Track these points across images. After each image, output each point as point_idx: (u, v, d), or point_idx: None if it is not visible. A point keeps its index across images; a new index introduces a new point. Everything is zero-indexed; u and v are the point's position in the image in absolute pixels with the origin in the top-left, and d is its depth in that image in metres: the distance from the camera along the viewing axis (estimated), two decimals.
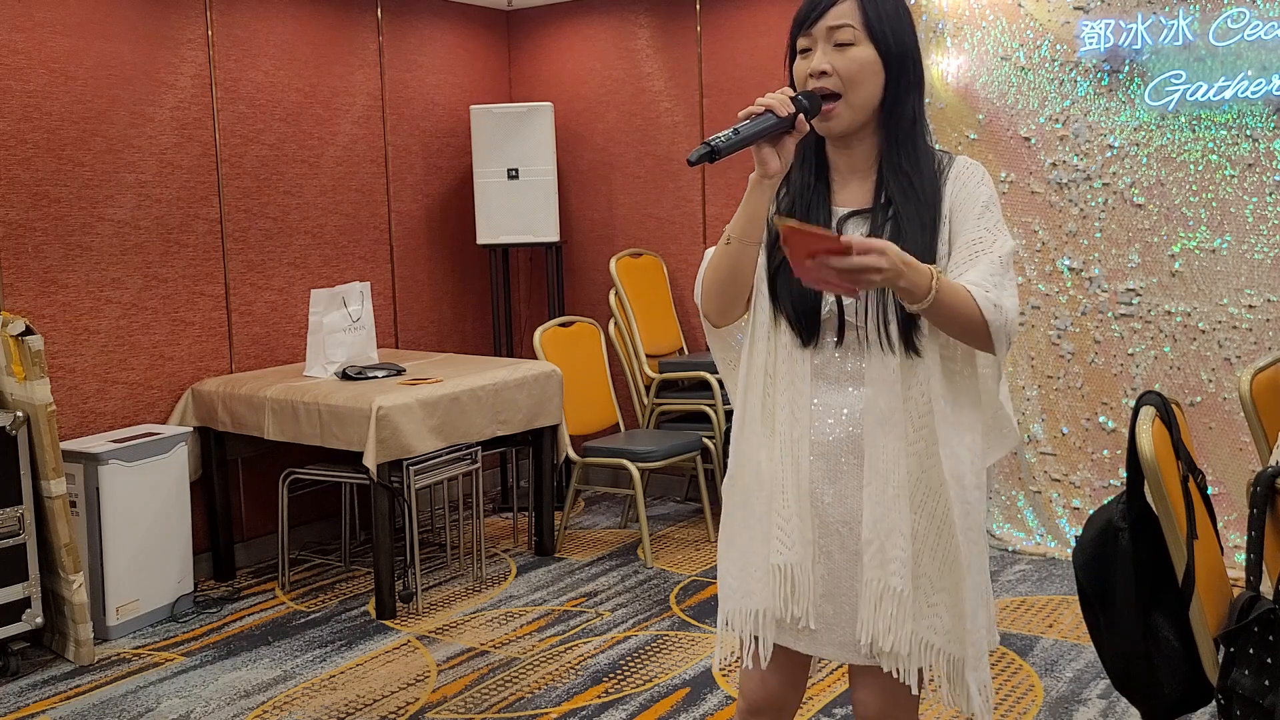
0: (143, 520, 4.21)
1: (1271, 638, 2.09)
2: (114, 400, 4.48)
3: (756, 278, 1.98)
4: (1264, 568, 2.17)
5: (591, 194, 6.01)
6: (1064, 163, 4.67)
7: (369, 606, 4.40)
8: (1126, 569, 2.27)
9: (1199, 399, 4.50)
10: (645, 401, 5.45)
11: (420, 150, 5.72)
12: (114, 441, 4.19)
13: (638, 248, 5.80)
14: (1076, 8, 4.59)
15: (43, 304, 4.26)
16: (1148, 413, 2.25)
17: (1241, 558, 3.93)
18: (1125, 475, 2.31)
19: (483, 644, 4.02)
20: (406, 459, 4.25)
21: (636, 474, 4.85)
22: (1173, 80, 4.44)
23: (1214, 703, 2.23)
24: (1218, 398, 4.47)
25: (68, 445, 4.11)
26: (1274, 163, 4.31)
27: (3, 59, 4.13)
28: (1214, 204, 4.42)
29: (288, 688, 3.70)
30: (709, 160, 1.81)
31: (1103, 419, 4.70)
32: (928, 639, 1.92)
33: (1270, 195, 4.33)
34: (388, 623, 4.23)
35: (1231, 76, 4.33)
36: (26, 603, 3.82)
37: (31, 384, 3.76)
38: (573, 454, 5.03)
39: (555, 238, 5.68)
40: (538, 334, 5.13)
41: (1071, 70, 4.62)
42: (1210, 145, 4.41)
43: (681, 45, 5.68)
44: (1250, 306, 4.38)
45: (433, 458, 4.39)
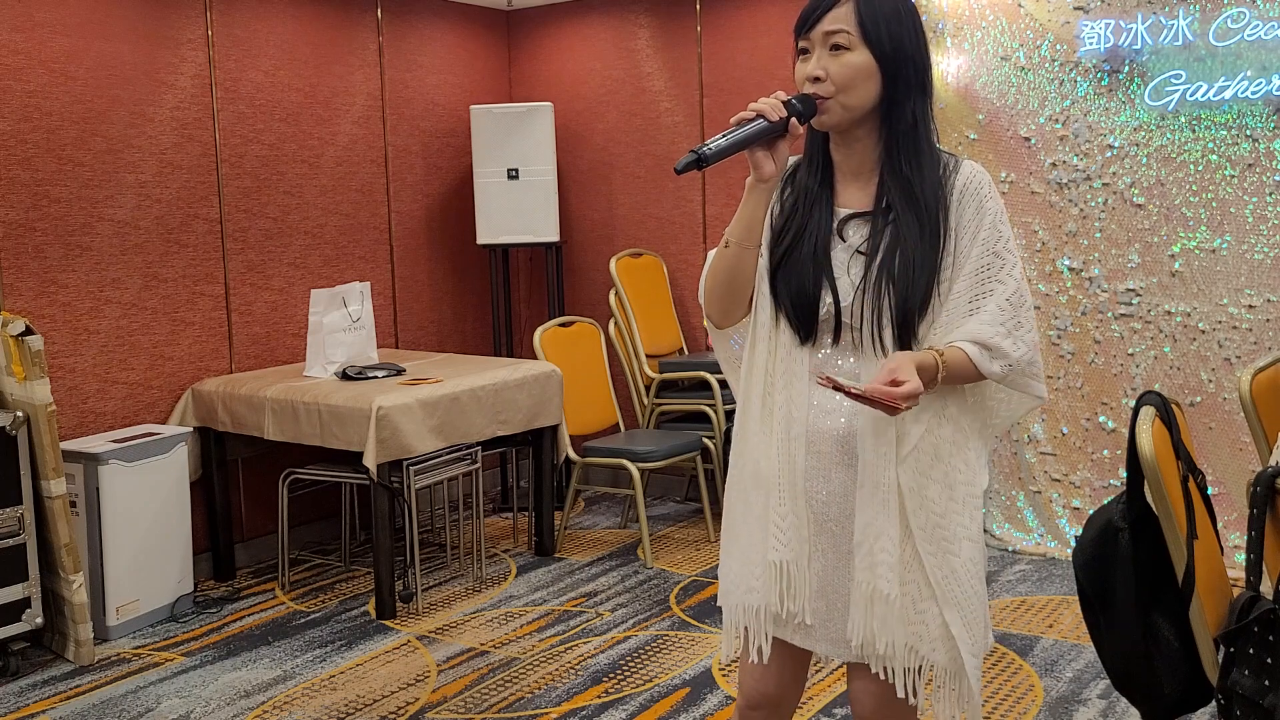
0: (143, 520, 4.21)
1: (1271, 638, 2.09)
2: (114, 400, 4.48)
3: (758, 278, 1.99)
4: (1264, 568, 2.17)
5: (591, 194, 6.01)
6: (1064, 163, 4.67)
7: (369, 606, 4.40)
8: (1126, 569, 2.27)
9: (1199, 399, 4.50)
10: (645, 401, 5.45)
11: (420, 150, 5.72)
12: (114, 441, 4.19)
13: (638, 248, 5.80)
14: (1076, 8, 4.59)
15: (43, 304, 4.26)
16: (1148, 413, 2.25)
17: (1241, 558, 3.93)
18: (1125, 475, 2.31)
19: (483, 644, 4.02)
20: (406, 459, 4.25)
21: (636, 474, 4.85)
22: (1173, 80, 4.44)
23: (1214, 703, 2.23)
24: (1218, 398, 4.47)
25: (68, 445, 4.11)
26: (1274, 163, 4.31)
27: (3, 59, 4.13)
28: (1214, 204, 4.42)
29: (288, 688, 3.70)
30: (697, 168, 1.82)
31: (1103, 419, 4.70)
32: (914, 645, 1.93)
33: (1270, 195, 4.33)
34: (388, 623, 4.23)
35: (1231, 76, 4.33)
36: (26, 603, 3.82)
37: (31, 384, 3.76)
38: (573, 454, 5.03)
39: (555, 238, 5.68)
40: (538, 334, 5.13)
41: (1071, 70, 4.62)
42: (1210, 145, 4.41)
43: (681, 45, 5.68)
44: (1250, 306, 4.38)
45: (433, 458, 4.39)
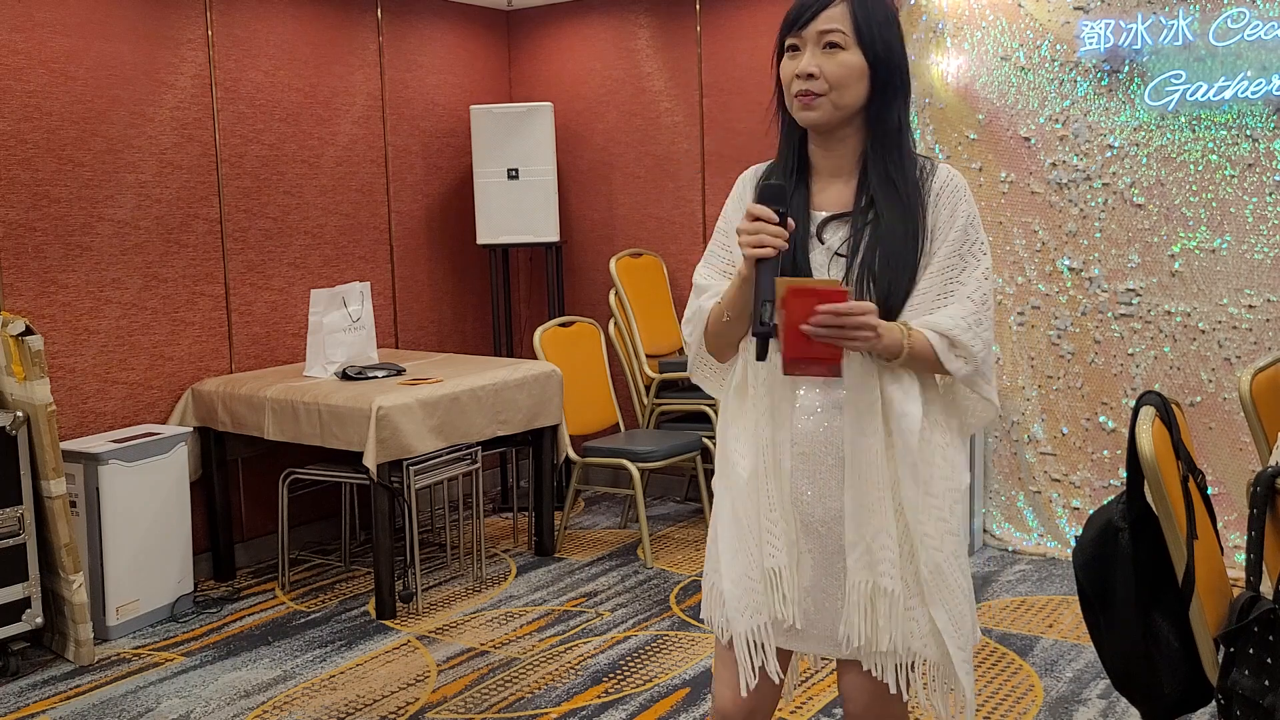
0: (143, 520, 4.21)
1: (1271, 638, 2.09)
2: (114, 400, 4.48)
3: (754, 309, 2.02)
4: (1264, 568, 2.17)
5: (591, 194, 6.01)
6: (1064, 163, 4.67)
7: (369, 606, 4.40)
8: (1126, 569, 2.27)
9: (1199, 399, 4.50)
10: (645, 401, 5.45)
11: (420, 150, 5.72)
12: (114, 441, 4.19)
13: (638, 248, 5.80)
14: (1076, 8, 4.59)
15: (43, 304, 4.26)
16: (1148, 413, 2.25)
17: (1241, 558, 3.93)
18: (1125, 475, 2.31)
19: (483, 644, 4.02)
20: (406, 459, 4.25)
21: (636, 474, 4.85)
22: (1173, 80, 4.44)
23: (1214, 703, 2.23)
24: (1218, 398, 4.47)
25: (68, 445, 4.11)
26: (1274, 163, 4.31)
27: (3, 59, 4.13)
28: (1214, 204, 4.42)
29: (288, 688, 3.70)
30: (770, 337, 1.82)
31: (1103, 419, 4.70)
32: (907, 641, 1.94)
33: (1270, 195, 4.33)
34: (388, 623, 4.23)
35: (1231, 76, 4.33)
36: (26, 603, 3.82)
37: (31, 384, 3.76)
38: (573, 454, 5.03)
39: (555, 238, 5.68)
40: (538, 334, 5.13)
41: (1071, 70, 4.62)
42: (1210, 145, 4.41)
43: (681, 45, 5.68)
44: (1250, 306, 4.38)
45: (433, 458, 4.39)
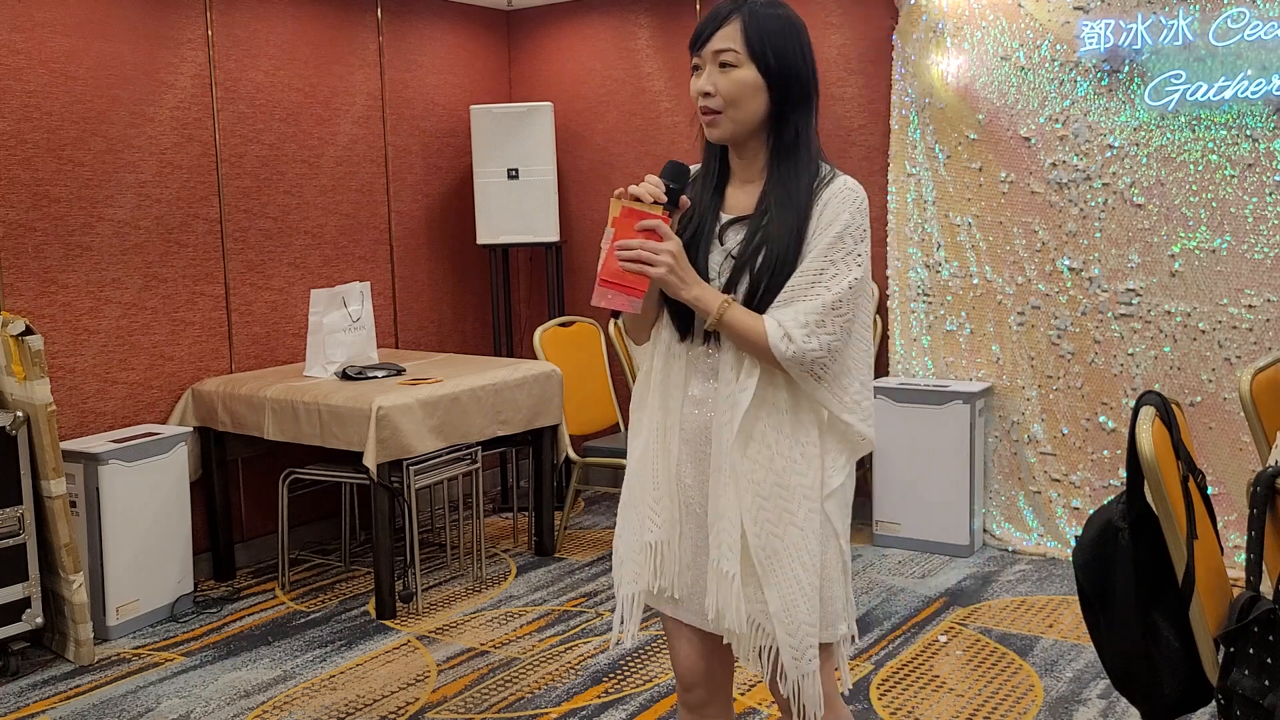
0: (143, 520, 4.21)
1: (1271, 638, 2.09)
2: (114, 400, 4.48)
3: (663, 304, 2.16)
4: (1264, 568, 2.17)
5: (591, 194, 6.01)
6: (1064, 163, 4.67)
7: (369, 606, 4.40)
8: (1126, 569, 2.27)
9: (1199, 399, 4.50)
10: None
11: (420, 150, 5.72)
12: (114, 441, 4.19)
13: None
14: (1076, 8, 4.59)
15: (43, 304, 4.26)
16: (1148, 413, 2.25)
17: (1241, 558, 3.93)
18: (1125, 475, 2.31)
19: (483, 644, 4.02)
20: (406, 459, 4.25)
21: None
22: (1173, 80, 4.44)
23: (1214, 703, 2.23)
24: (1218, 398, 4.47)
25: (68, 445, 4.11)
26: (1274, 163, 4.31)
27: (3, 59, 4.13)
28: (1214, 204, 4.42)
29: (288, 688, 3.70)
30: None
31: (1103, 419, 4.70)
32: (758, 621, 2.05)
33: (1270, 195, 4.33)
34: (388, 623, 4.23)
35: (1231, 76, 4.33)
36: (26, 603, 3.82)
37: (31, 384, 3.76)
38: (573, 454, 5.03)
39: (555, 238, 5.68)
40: (538, 334, 5.13)
41: (1071, 70, 4.62)
42: (1210, 145, 4.41)
43: (681, 45, 5.68)
44: (1250, 306, 4.38)
45: (433, 458, 4.39)
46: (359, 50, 5.40)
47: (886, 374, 5.15)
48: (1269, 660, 2.08)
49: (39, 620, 3.84)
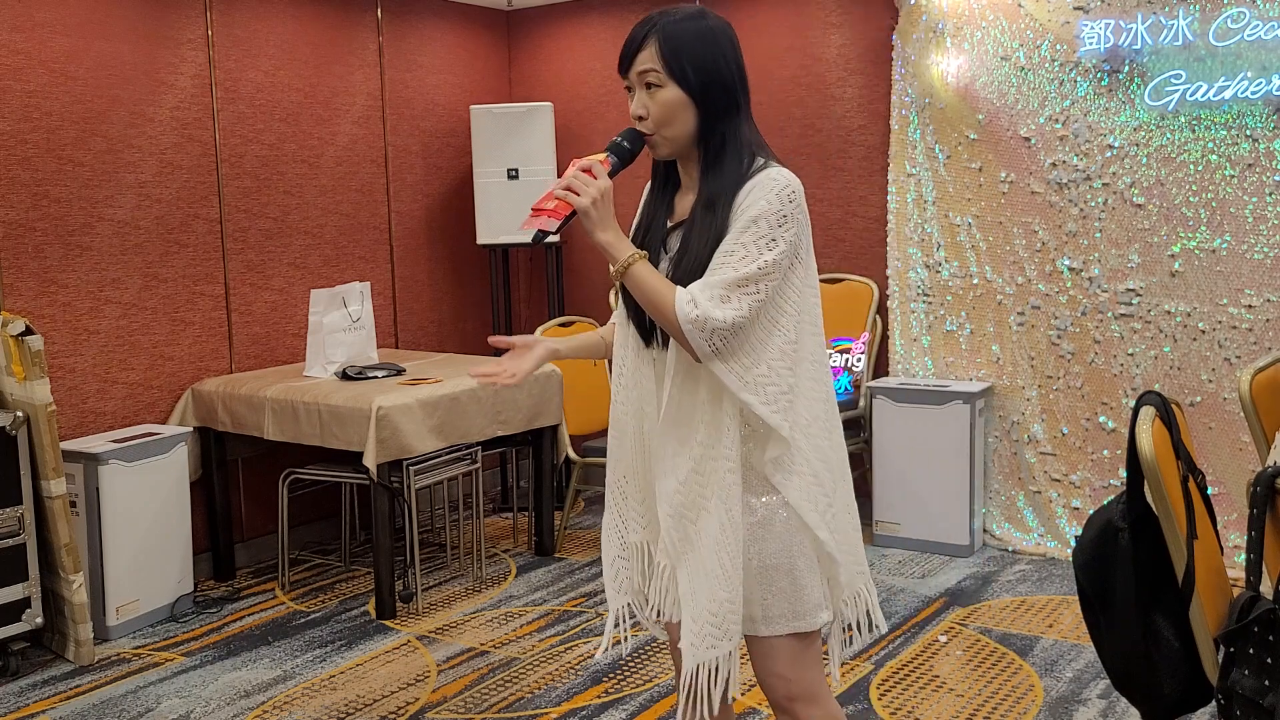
0: (143, 520, 4.21)
1: (1271, 638, 2.09)
2: (114, 400, 4.48)
3: (620, 296, 2.21)
4: (1264, 568, 2.17)
5: None
6: (1064, 163, 4.67)
7: (369, 606, 4.40)
8: (1126, 569, 2.27)
9: (1199, 399, 4.50)
10: None
11: (420, 150, 5.72)
12: (114, 441, 4.19)
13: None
14: (1076, 8, 4.59)
15: (43, 304, 4.26)
16: (1148, 413, 2.25)
17: (1241, 558, 3.93)
18: (1125, 475, 2.31)
19: (483, 644, 4.02)
20: (406, 459, 4.25)
21: None
22: (1173, 80, 4.44)
23: (1214, 703, 2.23)
24: (1218, 398, 4.47)
25: (68, 445, 4.11)
26: (1274, 163, 4.31)
27: (3, 59, 4.13)
28: (1214, 204, 4.42)
29: (288, 688, 3.70)
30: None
31: (1103, 419, 4.70)
32: (684, 614, 2.09)
33: (1270, 195, 4.33)
34: (388, 623, 4.23)
35: (1231, 76, 4.33)
36: (26, 603, 3.82)
37: (31, 384, 3.76)
38: (573, 454, 5.03)
39: (556, 238, 5.67)
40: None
41: (1071, 70, 4.62)
42: (1210, 145, 4.41)
43: None
44: (1250, 306, 4.38)
45: (433, 458, 4.39)
46: (359, 50, 5.40)
47: (886, 374, 5.15)
48: (1269, 660, 2.08)
49: (39, 620, 3.84)
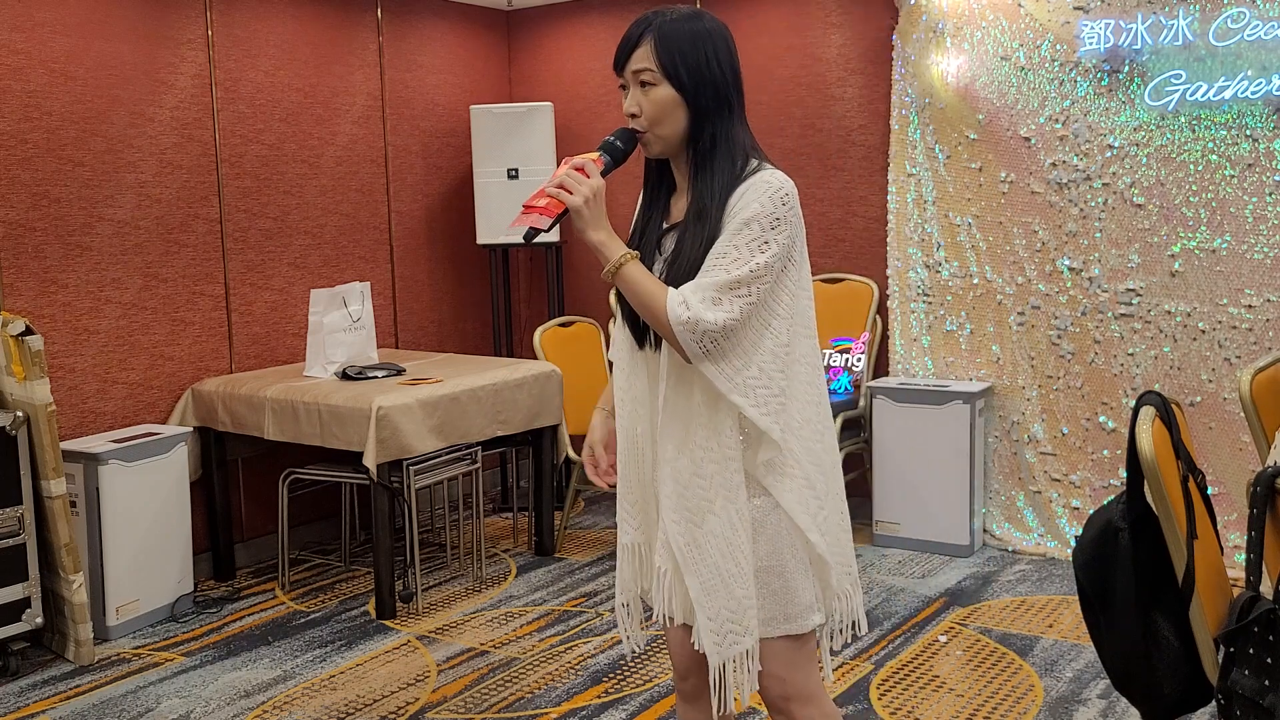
0: (143, 520, 4.21)
1: (1271, 638, 2.09)
2: (114, 400, 4.48)
3: (615, 298, 2.24)
4: (1264, 568, 2.17)
5: None
6: (1064, 163, 4.67)
7: (369, 606, 4.40)
8: (1126, 569, 2.27)
9: (1199, 399, 4.50)
10: None
11: (420, 150, 5.72)
12: (114, 441, 4.19)
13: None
14: (1076, 8, 4.59)
15: (43, 304, 4.26)
16: (1148, 413, 2.25)
17: (1241, 558, 3.93)
18: (1125, 475, 2.31)
19: (483, 644, 4.02)
20: (406, 459, 4.25)
21: None
22: (1173, 80, 4.44)
23: (1214, 703, 2.23)
24: (1218, 398, 4.47)
25: (68, 445, 4.11)
26: (1274, 163, 4.31)
27: (3, 59, 4.13)
28: (1214, 204, 4.42)
29: (288, 688, 3.70)
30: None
31: (1103, 419, 4.70)
32: (699, 616, 2.09)
33: (1270, 195, 4.33)
34: (388, 623, 4.23)
35: (1231, 76, 4.33)
36: (26, 603, 3.82)
37: (31, 384, 3.76)
38: (573, 454, 5.03)
39: (555, 238, 5.68)
40: (538, 334, 5.13)
41: (1071, 70, 4.62)
42: (1210, 145, 4.41)
43: None
44: (1250, 306, 4.38)
45: (433, 458, 4.39)
46: (359, 50, 5.40)
47: (886, 374, 5.15)
48: (1269, 660, 2.08)
49: (39, 620, 3.84)
